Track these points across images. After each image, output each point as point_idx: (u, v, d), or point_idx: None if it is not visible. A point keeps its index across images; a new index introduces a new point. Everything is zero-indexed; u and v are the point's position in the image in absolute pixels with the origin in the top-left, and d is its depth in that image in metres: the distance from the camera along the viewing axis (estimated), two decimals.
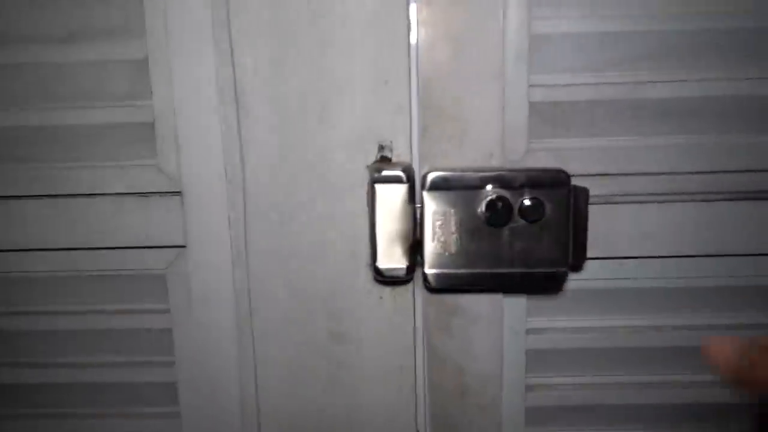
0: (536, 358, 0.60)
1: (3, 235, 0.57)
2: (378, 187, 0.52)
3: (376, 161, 0.54)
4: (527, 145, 0.56)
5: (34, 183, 0.55)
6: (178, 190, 0.56)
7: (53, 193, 0.55)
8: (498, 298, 0.58)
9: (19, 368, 0.60)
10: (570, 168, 0.53)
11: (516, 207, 0.52)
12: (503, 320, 0.59)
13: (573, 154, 0.56)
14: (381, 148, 0.54)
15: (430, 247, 0.53)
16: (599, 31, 0.54)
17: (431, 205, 0.52)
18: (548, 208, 0.52)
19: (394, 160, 0.55)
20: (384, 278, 0.54)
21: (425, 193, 0.52)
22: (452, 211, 0.53)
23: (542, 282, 0.54)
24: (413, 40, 0.53)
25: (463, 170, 0.53)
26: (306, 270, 0.57)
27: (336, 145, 0.54)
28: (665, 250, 0.58)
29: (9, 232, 0.56)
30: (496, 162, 0.55)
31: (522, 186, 0.52)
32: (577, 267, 0.54)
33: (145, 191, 0.56)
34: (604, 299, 0.60)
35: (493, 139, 0.55)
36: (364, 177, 0.54)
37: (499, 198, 0.51)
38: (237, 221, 0.56)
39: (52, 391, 0.60)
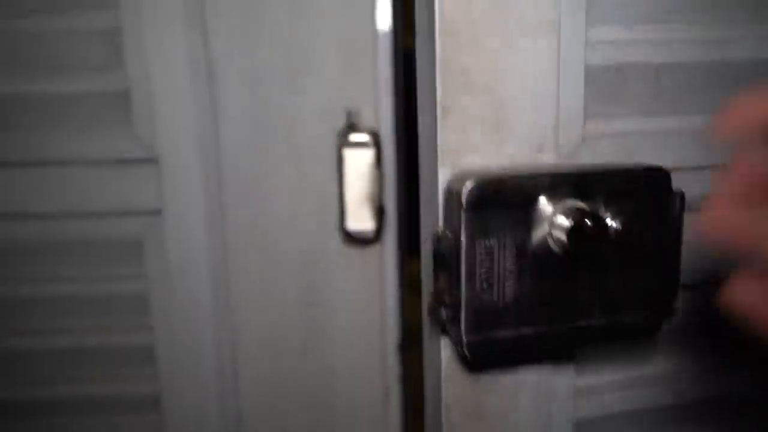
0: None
1: None
2: (346, 152, 0.45)
3: (345, 128, 0.45)
4: (582, 130, 0.38)
5: (5, 150, 0.46)
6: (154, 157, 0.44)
7: (27, 160, 0.46)
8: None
9: None
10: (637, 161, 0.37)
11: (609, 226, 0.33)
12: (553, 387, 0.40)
13: (636, 142, 0.39)
14: (349, 115, 0.46)
15: (469, 297, 0.33)
16: None
17: (473, 235, 0.32)
18: (642, 225, 0.34)
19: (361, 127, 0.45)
20: (353, 238, 0.46)
21: (463, 216, 0.32)
22: (504, 240, 0.33)
23: (630, 335, 0.36)
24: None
25: (511, 172, 0.34)
26: (279, 236, 0.47)
27: (306, 113, 0.45)
28: None
29: None
30: (548, 158, 0.37)
31: (596, 194, 0.34)
32: (669, 308, 0.37)
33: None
34: (699, 341, 0.44)
35: (546, 122, 0.36)
36: (334, 143, 0.45)
37: (584, 214, 0.32)
38: (212, 188, 0.45)
39: (28, 357, 0.52)
